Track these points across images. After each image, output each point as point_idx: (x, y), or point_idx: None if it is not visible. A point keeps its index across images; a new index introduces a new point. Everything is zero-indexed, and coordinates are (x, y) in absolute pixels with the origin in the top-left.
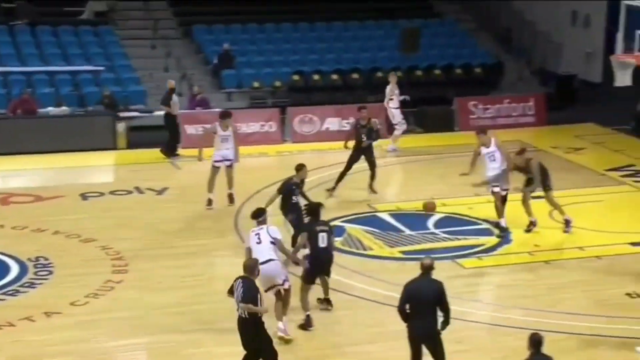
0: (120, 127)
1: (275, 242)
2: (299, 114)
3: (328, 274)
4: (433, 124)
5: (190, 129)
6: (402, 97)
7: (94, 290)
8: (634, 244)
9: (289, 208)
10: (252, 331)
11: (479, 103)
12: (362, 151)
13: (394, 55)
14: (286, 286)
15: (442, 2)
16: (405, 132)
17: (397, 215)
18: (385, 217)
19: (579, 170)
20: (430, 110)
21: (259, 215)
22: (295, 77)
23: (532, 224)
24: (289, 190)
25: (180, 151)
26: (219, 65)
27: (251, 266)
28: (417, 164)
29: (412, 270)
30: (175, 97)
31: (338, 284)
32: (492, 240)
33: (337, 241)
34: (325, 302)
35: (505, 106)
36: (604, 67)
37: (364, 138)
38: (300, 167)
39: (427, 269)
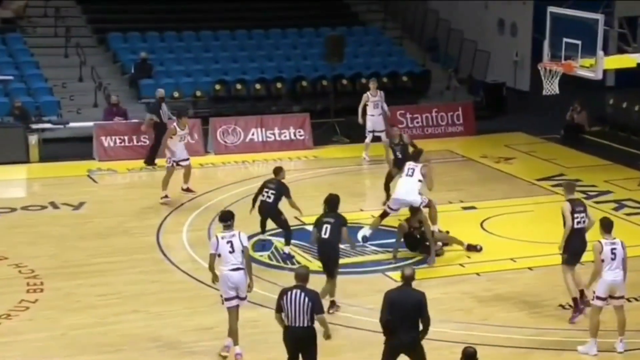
0: (33, 139)
1: (244, 250)
2: (221, 125)
3: (330, 274)
4: (360, 135)
5: (107, 141)
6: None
7: (6, 311)
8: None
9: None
10: (312, 343)
11: (407, 112)
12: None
13: (319, 64)
14: (244, 303)
15: (367, 10)
16: (332, 143)
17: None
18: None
19: (509, 180)
20: (358, 120)
21: (227, 218)
22: (217, 87)
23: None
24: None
25: (109, 164)
26: (136, 75)
27: (304, 274)
28: (344, 175)
29: (339, 284)
30: (164, 106)
31: (265, 299)
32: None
33: (264, 256)
34: (332, 306)
35: (433, 115)
36: (532, 75)
37: (399, 155)
38: (278, 170)
39: (407, 279)
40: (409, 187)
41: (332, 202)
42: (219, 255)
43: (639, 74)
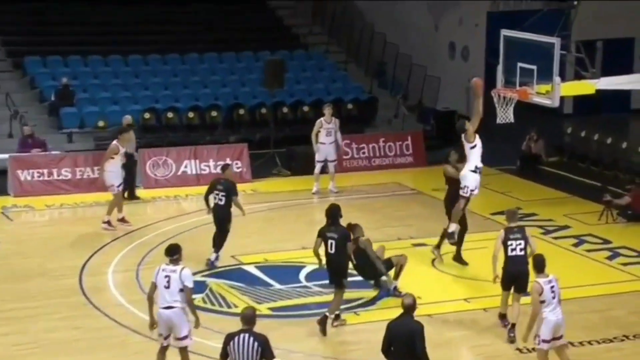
0: None
1: (184, 290)
2: (151, 157)
3: (338, 285)
4: (302, 166)
5: (24, 175)
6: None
7: None
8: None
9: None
10: None
11: (353, 142)
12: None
13: (257, 90)
14: (185, 343)
15: (309, 32)
16: (272, 175)
17: (265, 268)
18: (252, 270)
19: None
20: (299, 151)
21: (173, 252)
22: (147, 116)
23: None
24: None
25: (25, 200)
26: (56, 102)
27: (251, 316)
28: (285, 210)
29: (280, 328)
30: (132, 134)
31: (198, 346)
32: (371, 293)
33: (197, 299)
34: (336, 319)
35: (380, 145)
36: (485, 102)
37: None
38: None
39: (407, 309)
40: None
41: (332, 213)
42: (155, 285)
43: (598, 101)
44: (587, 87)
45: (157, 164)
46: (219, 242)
